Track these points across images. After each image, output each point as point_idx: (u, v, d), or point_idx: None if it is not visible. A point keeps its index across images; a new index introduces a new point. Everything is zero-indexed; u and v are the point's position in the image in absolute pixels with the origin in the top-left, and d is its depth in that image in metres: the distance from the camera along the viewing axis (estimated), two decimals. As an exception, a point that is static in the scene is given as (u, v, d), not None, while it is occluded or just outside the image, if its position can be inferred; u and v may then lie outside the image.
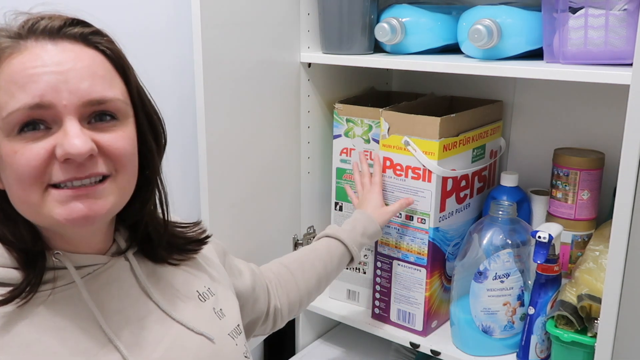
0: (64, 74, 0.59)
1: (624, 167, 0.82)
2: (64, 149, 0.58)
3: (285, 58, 1.19)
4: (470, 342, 1.12)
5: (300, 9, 1.20)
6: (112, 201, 0.63)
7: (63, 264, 0.66)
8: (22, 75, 0.59)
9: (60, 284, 0.65)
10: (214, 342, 0.74)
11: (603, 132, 1.19)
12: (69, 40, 0.62)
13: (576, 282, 1.01)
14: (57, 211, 0.60)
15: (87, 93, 0.60)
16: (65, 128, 0.59)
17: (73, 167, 0.60)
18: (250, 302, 0.93)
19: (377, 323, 1.23)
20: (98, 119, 0.62)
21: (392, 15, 1.14)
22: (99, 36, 0.64)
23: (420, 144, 1.09)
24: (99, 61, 0.63)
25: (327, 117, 1.30)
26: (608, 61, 0.92)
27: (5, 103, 0.59)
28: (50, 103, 0.59)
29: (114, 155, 0.62)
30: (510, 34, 1.00)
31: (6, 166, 0.61)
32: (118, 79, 0.65)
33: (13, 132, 0.59)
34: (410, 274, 1.15)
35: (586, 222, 1.14)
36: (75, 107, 0.60)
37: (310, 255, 1.04)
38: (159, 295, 0.73)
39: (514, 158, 1.33)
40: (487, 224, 1.10)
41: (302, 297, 1.02)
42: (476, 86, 1.33)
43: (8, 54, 0.60)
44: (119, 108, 0.64)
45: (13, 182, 0.61)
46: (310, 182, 1.30)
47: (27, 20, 0.62)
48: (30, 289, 0.63)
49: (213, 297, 0.79)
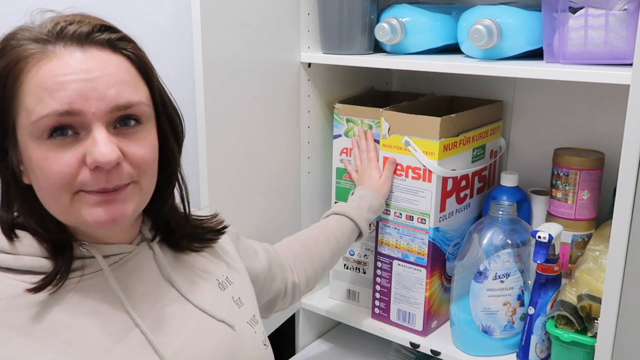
0: (92, 82, 0.61)
1: (624, 167, 0.82)
2: (93, 157, 0.61)
3: (285, 58, 1.19)
4: (470, 342, 1.12)
5: (300, 9, 1.20)
6: (135, 204, 0.67)
7: (90, 253, 0.69)
8: (52, 82, 0.61)
9: (88, 272, 0.69)
10: (234, 329, 0.77)
11: (603, 132, 1.19)
12: (96, 46, 0.64)
13: (576, 282, 1.01)
14: (85, 214, 0.64)
15: (114, 99, 0.63)
16: (93, 136, 0.62)
17: (102, 176, 0.63)
18: (268, 281, 0.96)
19: (377, 323, 1.23)
20: (123, 124, 0.65)
21: (392, 15, 1.14)
22: (125, 42, 0.67)
23: (421, 144, 1.09)
24: (125, 67, 0.65)
25: (327, 117, 1.30)
26: (608, 61, 0.92)
27: (34, 108, 0.61)
28: (79, 110, 0.61)
29: (137, 164, 0.65)
30: (510, 34, 1.00)
31: (36, 169, 0.63)
32: (142, 83, 0.68)
33: (42, 137, 0.61)
34: (410, 274, 1.16)
35: (586, 222, 1.14)
36: (103, 113, 0.62)
37: (323, 232, 1.08)
38: (181, 283, 0.76)
39: (514, 158, 1.33)
40: (487, 224, 1.10)
41: (317, 271, 1.07)
42: (476, 86, 1.33)
43: (37, 59, 0.62)
44: (143, 112, 0.66)
45: (43, 186, 0.64)
46: (310, 182, 1.30)
47: (55, 24, 0.63)
48: (60, 277, 0.66)
49: (231, 286, 0.82)
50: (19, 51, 0.62)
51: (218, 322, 0.76)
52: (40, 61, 0.62)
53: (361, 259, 1.28)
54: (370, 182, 1.14)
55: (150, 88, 0.69)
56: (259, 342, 0.81)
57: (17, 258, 0.66)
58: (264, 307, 1.00)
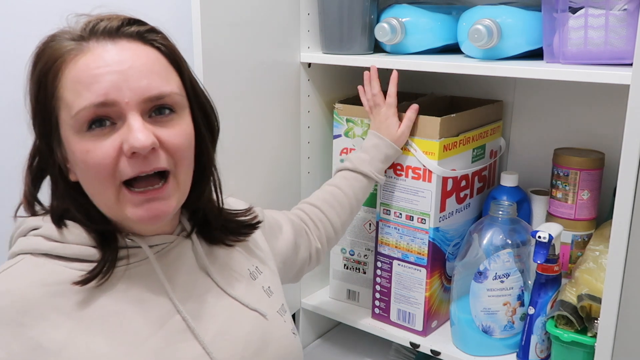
0: (124, 73, 0.65)
1: (624, 167, 0.82)
2: (129, 143, 0.64)
3: (285, 58, 1.19)
4: (470, 342, 1.12)
5: (300, 9, 1.20)
6: (175, 200, 0.70)
7: (135, 243, 0.73)
8: (87, 75, 0.64)
9: (133, 260, 0.72)
10: (266, 317, 0.81)
11: (603, 132, 1.19)
12: (127, 39, 0.67)
13: (576, 282, 1.01)
14: (130, 212, 0.67)
15: (147, 90, 0.66)
16: (128, 123, 0.65)
17: (139, 161, 0.65)
18: (294, 254, 0.99)
19: (377, 323, 1.23)
20: (158, 113, 0.68)
21: (392, 15, 1.14)
22: (154, 33, 0.70)
23: (421, 144, 1.09)
24: (155, 58, 0.68)
25: (327, 117, 1.30)
26: (608, 61, 0.92)
27: (72, 102, 0.64)
28: (113, 101, 0.64)
29: (173, 150, 0.68)
30: (510, 34, 1.00)
31: (79, 163, 0.66)
32: (173, 73, 0.70)
33: (82, 129, 0.65)
34: (410, 274, 1.15)
35: (586, 222, 1.14)
36: (137, 103, 0.65)
37: (340, 191, 1.08)
38: (216, 273, 0.79)
39: (514, 158, 1.33)
40: (487, 224, 1.10)
41: (338, 230, 1.08)
42: (476, 86, 1.33)
43: (73, 55, 0.65)
44: (176, 101, 0.69)
45: (88, 179, 0.67)
46: (310, 182, 1.30)
47: (88, 22, 0.67)
48: (107, 268, 0.69)
49: (262, 276, 0.86)
50: (56, 49, 0.66)
51: (251, 310, 0.80)
52: (75, 57, 0.65)
53: (361, 259, 1.28)
54: (388, 131, 1.09)
55: (181, 78, 0.71)
56: (289, 331, 0.84)
57: (66, 246, 0.70)
58: (293, 276, 1.03)
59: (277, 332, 0.82)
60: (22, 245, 0.71)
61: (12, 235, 0.75)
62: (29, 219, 0.73)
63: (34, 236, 0.71)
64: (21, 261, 0.69)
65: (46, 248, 0.69)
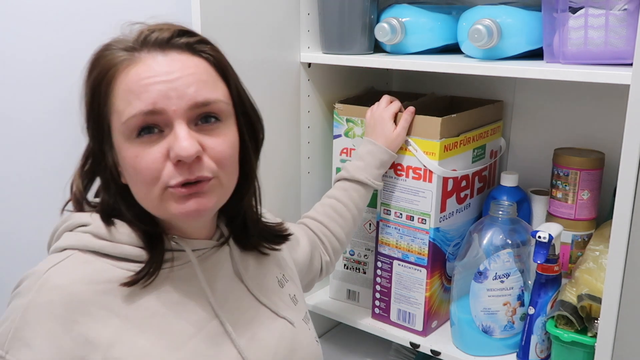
0: (173, 82, 0.68)
1: (624, 167, 0.82)
2: (175, 151, 0.67)
3: (285, 58, 1.19)
4: (470, 342, 1.12)
5: (300, 9, 1.20)
6: (216, 197, 0.72)
7: (179, 247, 0.75)
8: (138, 85, 0.67)
9: (177, 263, 0.75)
10: (294, 325, 0.84)
11: (603, 132, 1.19)
12: (176, 50, 0.70)
13: (576, 282, 1.01)
14: (173, 207, 0.69)
15: (193, 97, 0.68)
16: (175, 131, 0.68)
17: (184, 168, 0.68)
18: (308, 265, 1.02)
19: (377, 323, 1.23)
20: (204, 121, 0.70)
21: (392, 15, 1.14)
22: (203, 44, 0.73)
23: (421, 144, 1.09)
24: (203, 68, 0.71)
25: (327, 117, 1.30)
26: (608, 61, 0.92)
27: (123, 109, 0.68)
28: (161, 109, 0.67)
29: (217, 158, 0.70)
30: (510, 34, 1.00)
31: (128, 167, 0.70)
32: (220, 82, 0.73)
33: (132, 136, 0.68)
34: (410, 274, 1.15)
35: (586, 222, 1.14)
36: (184, 111, 0.68)
37: (339, 203, 1.09)
38: (249, 280, 0.82)
39: (514, 158, 1.33)
40: (487, 224, 1.10)
41: (342, 241, 1.10)
42: (476, 86, 1.33)
43: (125, 65, 0.69)
44: (221, 109, 0.72)
45: (136, 182, 0.70)
46: (310, 182, 1.30)
47: (140, 33, 0.71)
48: (154, 269, 0.72)
49: (288, 284, 0.89)
50: (110, 59, 0.70)
51: (280, 318, 0.83)
52: (127, 67, 0.68)
53: (361, 259, 1.28)
54: (383, 134, 1.09)
55: (229, 87, 0.74)
56: (312, 338, 0.88)
57: (115, 245, 0.72)
58: (304, 286, 1.04)
59: (303, 340, 0.85)
60: (70, 241, 0.73)
61: (56, 229, 0.76)
62: (76, 214, 0.75)
63: (82, 233, 0.73)
64: (70, 257, 0.71)
65: (95, 246, 0.71)
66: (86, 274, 0.70)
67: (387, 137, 1.09)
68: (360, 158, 1.10)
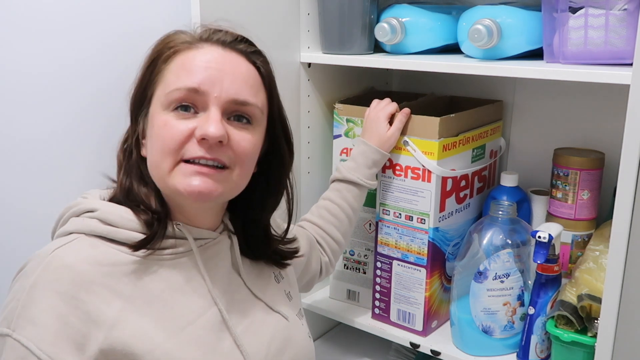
0: (223, 73, 0.73)
1: (624, 167, 0.82)
2: (203, 129, 0.71)
3: (285, 58, 1.19)
4: (470, 342, 1.12)
5: (300, 9, 1.20)
6: (223, 188, 0.74)
7: (182, 234, 0.78)
8: (192, 64, 0.73)
9: (179, 251, 0.78)
10: (288, 320, 0.87)
11: (603, 132, 1.19)
12: (235, 52, 0.77)
13: (576, 282, 1.01)
14: (180, 181, 0.72)
15: (235, 93, 0.74)
16: (209, 114, 0.72)
17: (205, 147, 0.72)
18: (306, 266, 1.05)
19: (377, 323, 1.23)
20: (236, 119, 0.75)
21: (392, 15, 1.14)
22: (258, 55, 0.79)
23: (420, 144, 1.09)
24: (253, 74, 0.77)
25: (327, 117, 1.30)
26: (608, 61, 0.92)
27: (171, 82, 0.73)
28: (205, 91, 0.72)
29: (237, 151, 0.74)
30: (510, 34, 1.00)
31: (153, 134, 0.74)
32: (263, 92, 0.79)
33: (169, 108, 0.73)
34: (410, 274, 1.15)
35: (586, 222, 1.14)
36: (223, 101, 0.73)
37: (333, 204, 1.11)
38: (245, 274, 0.85)
39: (514, 158, 1.33)
40: (487, 224, 1.10)
41: (340, 242, 1.12)
42: (476, 86, 1.33)
43: (187, 46, 0.75)
44: (255, 114, 0.77)
45: (155, 150, 0.74)
46: (310, 182, 1.30)
47: (207, 30, 0.78)
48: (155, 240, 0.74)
49: (283, 281, 0.92)
50: (175, 39, 0.76)
51: (275, 312, 0.86)
52: (188, 49, 0.75)
53: (361, 259, 1.28)
54: (377, 133, 1.10)
55: (269, 99, 0.80)
56: (306, 334, 0.90)
57: (119, 231, 0.74)
58: (304, 285, 1.08)
59: (297, 334, 0.88)
60: (77, 226, 0.75)
61: (62, 214, 0.79)
62: (84, 200, 0.78)
63: (89, 218, 0.75)
64: (77, 239, 0.73)
65: (102, 231, 0.74)
66: (91, 255, 0.72)
67: (381, 136, 1.10)
68: (352, 159, 1.12)
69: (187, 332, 0.74)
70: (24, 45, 1.00)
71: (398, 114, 1.11)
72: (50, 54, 1.02)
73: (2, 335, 0.67)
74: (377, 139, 1.10)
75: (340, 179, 1.11)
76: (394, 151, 1.12)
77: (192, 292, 0.77)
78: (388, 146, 1.10)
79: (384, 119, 1.11)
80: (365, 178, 1.10)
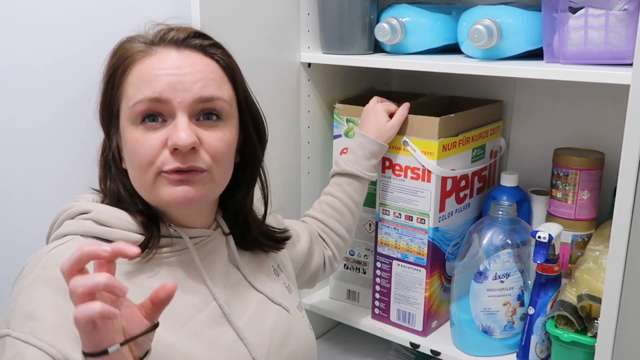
0: (181, 77, 0.72)
1: (624, 167, 0.82)
2: (173, 140, 0.71)
3: (285, 58, 1.19)
4: (470, 342, 1.12)
5: (300, 9, 1.20)
6: (205, 190, 0.75)
7: (177, 234, 0.79)
8: (149, 74, 0.72)
9: (175, 249, 0.79)
10: (289, 312, 0.88)
11: (603, 132, 1.19)
12: (190, 49, 0.75)
13: (576, 282, 1.01)
14: (164, 192, 0.73)
15: (199, 92, 0.73)
16: (176, 122, 0.72)
17: (179, 157, 0.72)
18: (308, 260, 1.05)
19: (377, 323, 1.23)
20: (205, 117, 0.75)
21: (392, 15, 1.14)
22: (215, 48, 0.78)
23: (420, 144, 1.09)
24: (213, 68, 0.76)
25: (327, 117, 1.30)
26: (608, 61, 0.92)
27: (132, 95, 0.73)
28: (167, 99, 0.72)
29: (212, 152, 0.74)
30: (510, 34, 1.00)
31: (129, 150, 0.74)
32: (227, 84, 0.78)
33: (137, 121, 0.73)
34: (410, 274, 1.15)
35: (586, 222, 1.14)
36: (188, 103, 0.72)
37: (334, 198, 1.11)
38: (244, 267, 0.86)
39: (514, 158, 1.33)
40: (487, 224, 1.10)
41: (344, 236, 1.12)
42: (476, 86, 1.33)
43: (141, 56, 0.74)
44: (223, 108, 0.76)
45: (133, 165, 0.74)
46: (310, 182, 1.30)
47: (159, 30, 0.76)
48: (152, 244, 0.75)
49: (283, 274, 0.93)
50: (129, 49, 0.75)
51: (276, 305, 0.87)
52: (143, 58, 0.74)
53: (361, 259, 1.28)
54: (376, 124, 1.10)
55: (235, 90, 0.79)
56: (306, 326, 0.91)
57: (114, 231, 0.75)
58: (307, 281, 1.09)
59: (298, 326, 0.88)
60: (71, 228, 0.75)
61: (56, 218, 0.79)
62: (77, 203, 0.78)
63: (83, 220, 0.76)
64: (72, 240, 0.74)
65: (97, 232, 0.75)
66: None
67: (380, 127, 1.10)
68: (351, 151, 1.11)
69: (187, 327, 0.75)
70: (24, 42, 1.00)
71: (399, 108, 1.11)
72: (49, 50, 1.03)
73: (2, 336, 0.67)
74: (375, 130, 1.10)
75: (339, 172, 1.11)
76: (394, 151, 1.12)
77: (191, 288, 0.78)
78: (387, 137, 1.10)
79: (383, 111, 1.11)
80: (365, 170, 1.09)
